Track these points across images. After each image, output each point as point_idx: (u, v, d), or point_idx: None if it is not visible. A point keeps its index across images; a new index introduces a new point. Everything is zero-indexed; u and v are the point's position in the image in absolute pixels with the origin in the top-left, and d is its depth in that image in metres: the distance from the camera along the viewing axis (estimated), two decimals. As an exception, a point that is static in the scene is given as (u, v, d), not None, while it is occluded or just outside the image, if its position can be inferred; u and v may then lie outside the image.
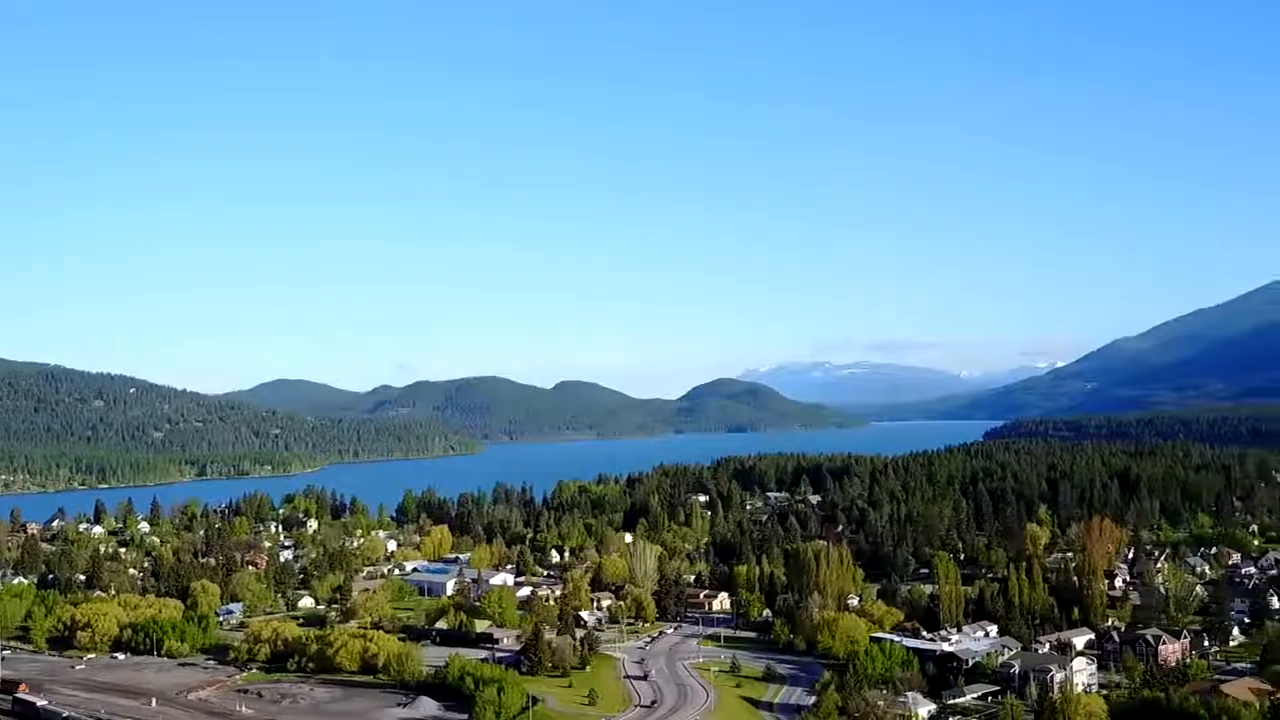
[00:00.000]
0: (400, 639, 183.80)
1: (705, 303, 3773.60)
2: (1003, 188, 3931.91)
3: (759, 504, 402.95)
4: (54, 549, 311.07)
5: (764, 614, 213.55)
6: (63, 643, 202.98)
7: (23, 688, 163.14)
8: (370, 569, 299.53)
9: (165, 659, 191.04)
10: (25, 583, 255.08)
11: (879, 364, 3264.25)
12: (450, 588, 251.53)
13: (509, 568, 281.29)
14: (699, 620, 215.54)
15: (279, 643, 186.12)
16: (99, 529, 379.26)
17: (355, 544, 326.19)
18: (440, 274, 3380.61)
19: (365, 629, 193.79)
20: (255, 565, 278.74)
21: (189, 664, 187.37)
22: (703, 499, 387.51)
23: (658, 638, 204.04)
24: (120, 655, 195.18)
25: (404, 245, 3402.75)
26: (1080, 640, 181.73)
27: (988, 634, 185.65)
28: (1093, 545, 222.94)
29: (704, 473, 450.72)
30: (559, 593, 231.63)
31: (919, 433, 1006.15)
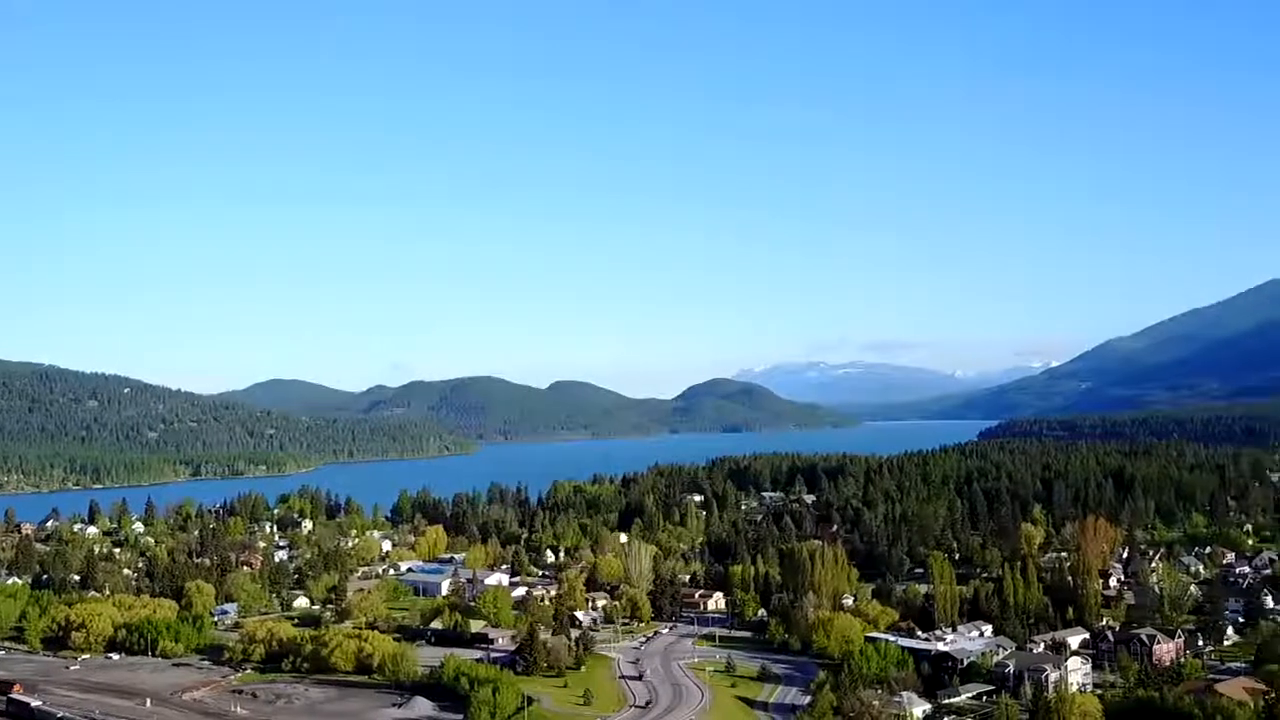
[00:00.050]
0: (395, 639, 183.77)
1: (700, 303, 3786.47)
2: (998, 188, 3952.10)
3: (754, 504, 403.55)
4: (48, 549, 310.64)
5: (759, 614, 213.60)
6: (57, 643, 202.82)
7: (17, 688, 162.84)
8: (365, 569, 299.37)
9: (160, 659, 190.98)
10: (19, 583, 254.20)
11: (874, 364, 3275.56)
12: (445, 588, 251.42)
13: (504, 568, 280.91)
14: (694, 620, 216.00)
15: (274, 643, 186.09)
16: (93, 529, 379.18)
17: (350, 544, 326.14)
18: (435, 274, 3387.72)
19: (360, 629, 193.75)
20: (250, 565, 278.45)
21: (184, 664, 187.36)
22: (698, 499, 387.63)
23: (653, 638, 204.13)
24: (115, 656, 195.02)
25: (400, 245, 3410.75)
26: (1075, 640, 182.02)
27: (982, 634, 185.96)
28: (1087, 545, 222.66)
29: (699, 472, 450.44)
30: (554, 593, 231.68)
31: (913, 432, 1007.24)
